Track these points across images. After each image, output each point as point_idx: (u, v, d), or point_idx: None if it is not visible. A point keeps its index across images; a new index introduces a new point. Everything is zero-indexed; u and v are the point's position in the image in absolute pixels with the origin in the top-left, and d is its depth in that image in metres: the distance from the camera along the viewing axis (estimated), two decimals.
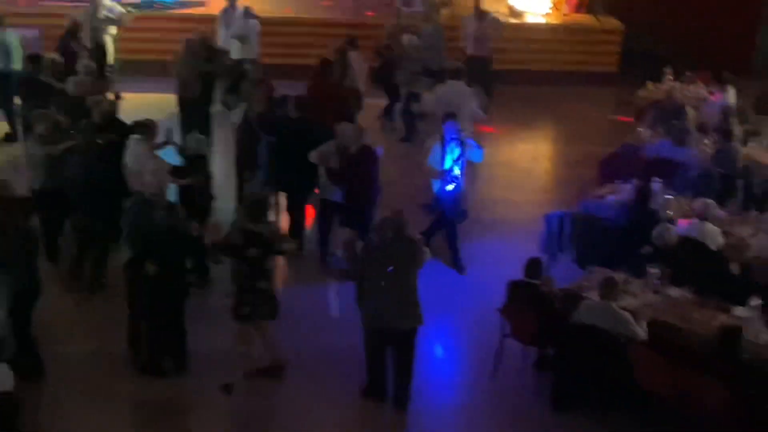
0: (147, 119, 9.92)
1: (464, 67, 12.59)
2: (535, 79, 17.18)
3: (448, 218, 10.41)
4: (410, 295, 7.86)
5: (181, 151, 10.18)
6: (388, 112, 14.94)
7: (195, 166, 9.74)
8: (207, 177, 9.89)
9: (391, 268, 7.73)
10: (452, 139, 10.22)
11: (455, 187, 10.30)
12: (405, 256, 7.83)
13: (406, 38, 14.50)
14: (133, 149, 9.69)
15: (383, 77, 14.71)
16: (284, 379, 8.33)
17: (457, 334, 9.40)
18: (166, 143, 10.24)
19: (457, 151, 10.21)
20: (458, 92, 11.98)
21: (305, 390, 8.29)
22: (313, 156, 10.10)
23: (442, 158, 10.21)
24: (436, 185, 10.44)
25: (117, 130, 10.02)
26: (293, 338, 8.71)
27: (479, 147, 10.50)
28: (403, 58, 14.48)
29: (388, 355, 8.04)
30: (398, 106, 14.66)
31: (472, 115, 12.01)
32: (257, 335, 8.26)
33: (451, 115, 10.47)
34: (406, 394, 8.07)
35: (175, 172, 9.66)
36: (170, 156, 10.19)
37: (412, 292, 7.88)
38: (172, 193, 9.25)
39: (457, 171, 10.25)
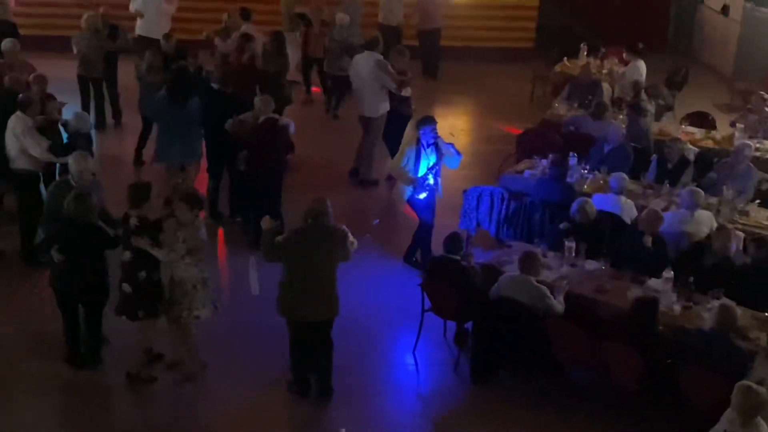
0: (25, 94, 9.69)
1: (379, 38, 12.49)
2: (452, 55, 17.22)
3: (421, 225, 10.06)
4: (328, 287, 7.59)
5: (65, 128, 9.99)
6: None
7: (76, 144, 9.47)
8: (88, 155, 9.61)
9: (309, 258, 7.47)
10: (429, 144, 9.66)
11: (428, 195, 9.81)
12: (324, 246, 7.52)
13: (339, 16, 14.39)
14: (12, 126, 9.46)
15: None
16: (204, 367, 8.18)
17: (378, 311, 9.36)
18: (45, 120, 9.83)
19: (433, 158, 9.69)
20: (366, 63, 11.87)
21: (227, 373, 8.17)
22: (228, 124, 10.22)
23: (416, 164, 9.67)
24: (406, 192, 9.88)
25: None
26: (214, 315, 8.56)
27: (458, 153, 9.85)
28: (326, 35, 14.45)
29: (309, 344, 7.85)
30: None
31: (382, 88, 11.83)
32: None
33: (429, 119, 9.79)
34: (327, 379, 7.93)
35: (54, 150, 9.45)
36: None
37: (331, 283, 7.60)
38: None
39: (431, 180, 9.74)
